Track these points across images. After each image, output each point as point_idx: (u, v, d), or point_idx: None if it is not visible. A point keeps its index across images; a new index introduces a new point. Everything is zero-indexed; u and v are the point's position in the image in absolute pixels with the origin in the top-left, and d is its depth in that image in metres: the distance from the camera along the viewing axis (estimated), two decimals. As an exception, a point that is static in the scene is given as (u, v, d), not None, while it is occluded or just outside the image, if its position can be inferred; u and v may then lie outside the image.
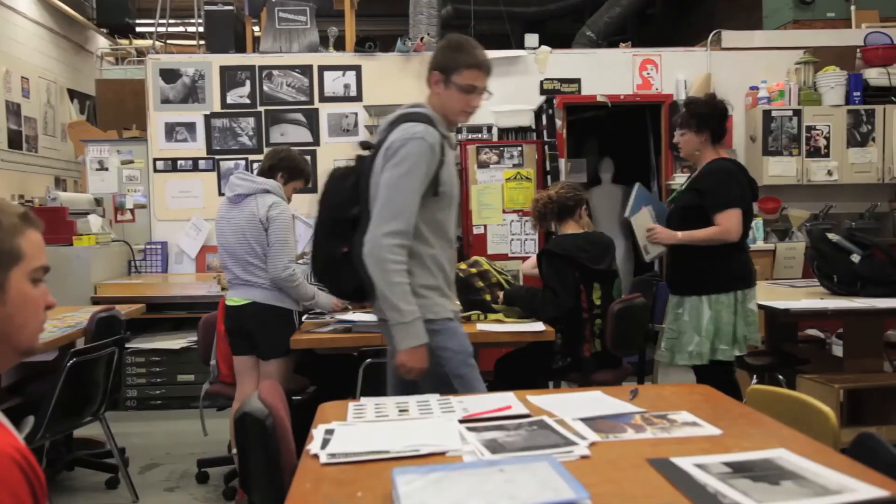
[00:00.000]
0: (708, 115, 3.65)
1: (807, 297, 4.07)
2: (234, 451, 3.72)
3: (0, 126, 7.40)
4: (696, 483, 1.45)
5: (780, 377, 4.21)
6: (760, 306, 3.76)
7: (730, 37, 6.78)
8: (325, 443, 1.78)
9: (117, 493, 3.93)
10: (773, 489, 1.39)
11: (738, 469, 1.50)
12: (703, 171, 3.69)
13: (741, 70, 6.67)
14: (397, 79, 6.48)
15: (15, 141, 7.65)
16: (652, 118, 7.08)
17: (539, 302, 3.71)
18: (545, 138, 6.37)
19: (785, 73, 6.68)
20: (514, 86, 6.59)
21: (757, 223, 6.33)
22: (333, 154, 6.35)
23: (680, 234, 3.64)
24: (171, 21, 8.15)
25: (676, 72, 6.71)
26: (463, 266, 3.88)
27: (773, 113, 6.44)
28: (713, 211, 3.57)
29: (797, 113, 6.45)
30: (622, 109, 6.98)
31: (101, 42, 9.86)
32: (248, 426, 1.75)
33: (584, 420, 1.89)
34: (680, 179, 6.62)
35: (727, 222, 3.55)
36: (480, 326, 3.48)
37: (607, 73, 6.69)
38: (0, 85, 7.44)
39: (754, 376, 4.30)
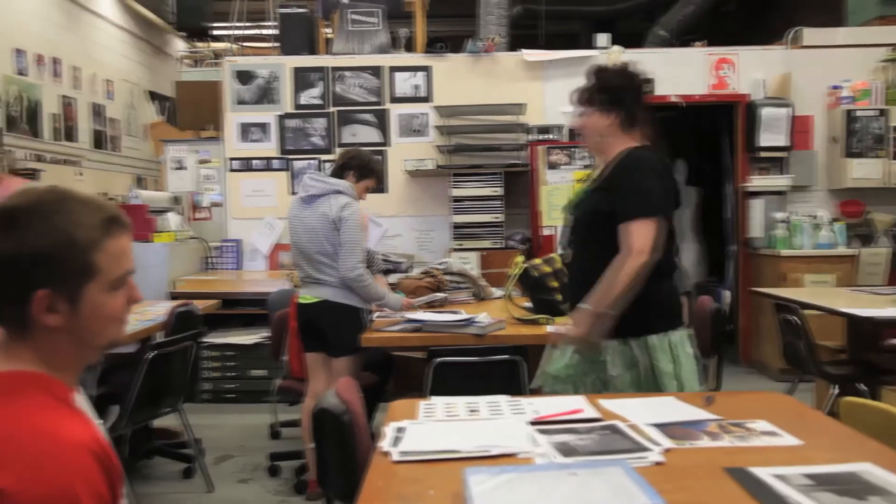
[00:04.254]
0: (621, 89, 2.67)
1: (891, 305, 3.91)
2: (311, 445, 3.79)
3: (86, 127, 7.70)
4: (776, 494, 1.40)
5: (863, 387, 4.06)
6: (842, 314, 3.58)
7: (811, 34, 6.54)
8: (396, 440, 1.80)
9: (193, 483, 4.04)
10: (858, 505, 1.34)
11: (821, 482, 1.45)
12: (613, 165, 2.64)
13: (822, 68, 6.42)
14: (467, 79, 6.49)
15: (99, 141, 7.94)
16: (727, 119, 6.91)
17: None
18: (616, 139, 6.28)
19: (869, 72, 6.43)
20: (585, 86, 6.51)
21: (839, 227, 6.14)
22: (403, 154, 6.41)
23: (591, 303, 2.49)
24: (247, 24, 8.35)
25: (753, 71, 6.52)
26: (538, 262, 3.84)
27: (857, 113, 6.21)
28: (619, 219, 2.51)
29: (883, 113, 6.20)
30: (696, 110, 6.83)
31: (180, 45, 10.16)
32: (326, 421, 1.78)
33: (657, 426, 1.86)
34: (757, 181, 6.46)
35: (638, 240, 2.45)
36: (550, 328, 3.44)
37: (680, 72, 6.53)
38: (86, 88, 7.74)
39: (835, 386, 4.13)
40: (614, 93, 2.67)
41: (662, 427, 1.85)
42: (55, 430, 1.12)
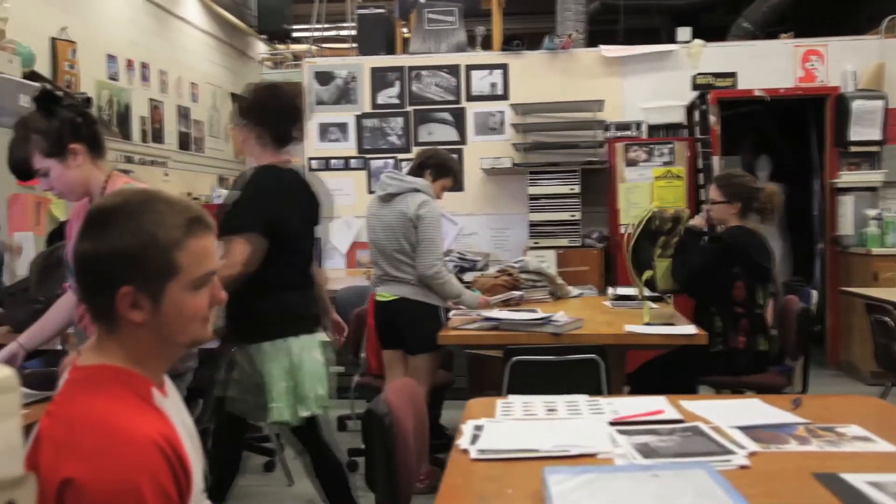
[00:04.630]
0: (260, 107, 2.77)
1: None
2: None
3: (172, 129, 7.95)
4: (870, 502, 1.35)
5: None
6: None
7: None
8: (474, 438, 1.80)
9: (273, 477, 4.13)
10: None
11: None
12: (243, 181, 2.81)
13: None
14: (544, 76, 6.45)
15: (184, 142, 8.20)
16: (815, 112, 6.67)
17: (695, 257, 3.59)
18: (697, 135, 6.15)
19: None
20: (665, 81, 6.40)
21: None
22: (480, 153, 6.40)
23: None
24: (326, 26, 8.48)
25: (844, 62, 6.29)
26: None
27: None
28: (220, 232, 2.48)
29: (983, 104, 5.91)
30: (781, 104, 6.63)
31: (261, 48, 10.39)
32: (372, 424, 1.78)
33: (741, 428, 1.81)
34: (847, 177, 6.23)
35: (231, 254, 2.62)
36: (628, 327, 3.41)
37: (766, 65, 6.36)
38: (172, 91, 7.99)
39: None
40: (251, 110, 2.78)
41: (747, 430, 1.80)
42: (125, 424, 1.16)
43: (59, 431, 1.15)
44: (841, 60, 6.31)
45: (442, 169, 3.86)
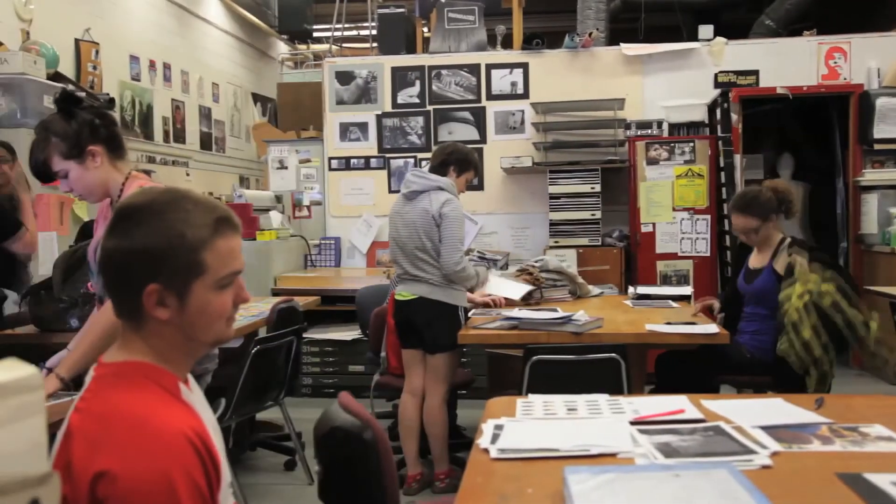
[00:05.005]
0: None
1: None
2: (409, 440, 3.84)
3: (194, 129, 8.01)
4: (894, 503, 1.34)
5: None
6: None
7: None
8: (494, 438, 1.79)
9: (294, 475, 4.14)
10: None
11: None
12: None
13: None
14: (564, 75, 6.42)
15: (205, 142, 8.25)
16: (838, 110, 6.60)
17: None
18: (719, 133, 6.10)
19: None
20: (686, 79, 6.36)
21: None
22: (500, 152, 6.39)
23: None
24: (346, 25, 8.51)
25: (868, 59, 6.21)
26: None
27: None
28: None
29: None
30: (804, 102, 6.56)
31: (282, 48, 10.44)
32: (337, 441, 1.69)
33: (763, 428, 1.80)
34: (871, 175, 6.17)
35: None
36: (649, 326, 3.39)
37: (788, 63, 6.30)
38: (194, 91, 8.05)
39: None
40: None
41: (769, 429, 1.78)
42: (156, 418, 1.18)
43: (91, 426, 1.17)
44: (865, 58, 6.24)
45: (465, 163, 3.87)
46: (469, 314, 3.84)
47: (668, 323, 3.45)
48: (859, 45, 6.28)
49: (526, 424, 1.93)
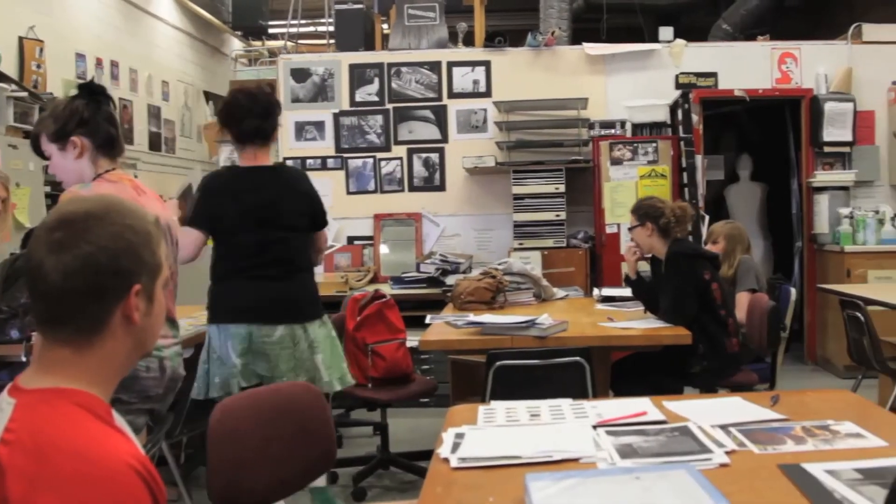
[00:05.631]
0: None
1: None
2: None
3: (142, 129, 7.73)
4: (825, 490, 1.43)
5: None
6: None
7: (871, 30, 6.43)
8: (455, 447, 1.78)
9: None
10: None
11: (870, 476, 1.48)
12: None
13: (884, 64, 6.33)
14: (527, 74, 6.35)
15: (155, 143, 7.97)
16: (792, 113, 6.72)
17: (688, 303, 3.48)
18: (681, 134, 6.07)
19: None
20: (648, 80, 6.37)
21: None
22: (463, 151, 6.26)
23: None
24: (303, 21, 8.31)
25: (817, 65, 6.40)
26: None
27: None
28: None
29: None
30: (760, 104, 6.62)
31: (236, 44, 10.19)
32: None
33: (741, 431, 1.82)
34: (822, 177, 6.35)
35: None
36: (609, 325, 3.41)
37: (745, 66, 6.42)
38: (143, 90, 7.77)
39: None
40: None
41: (746, 432, 1.81)
42: (98, 449, 1.11)
43: (25, 462, 1.08)
44: (814, 64, 6.41)
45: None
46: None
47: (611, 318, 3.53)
48: (809, 51, 6.45)
49: (488, 432, 1.92)
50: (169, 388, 2.55)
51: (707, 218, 5.80)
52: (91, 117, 2.44)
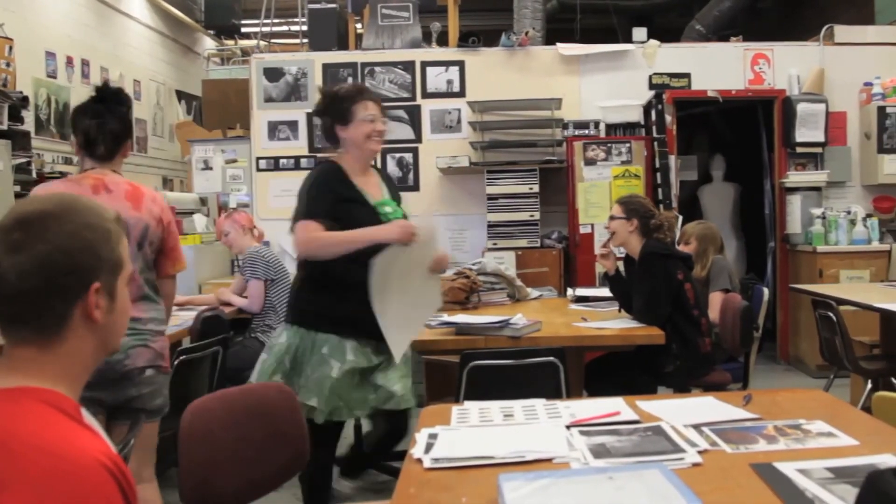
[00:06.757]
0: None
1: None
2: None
3: (113, 127, 7.63)
4: (797, 489, 1.44)
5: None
6: (875, 309, 3.58)
7: (842, 31, 6.48)
8: (428, 447, 1.78)
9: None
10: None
11: (840, 475, 1.49)
12: None
13: (855, 65, 6.37)
14: (501, 74, 6.34)
15: (127, 142, 7.87)
16: (764, 114, 6.76)
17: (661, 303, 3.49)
18: (654, 134, 6.10)
19: (897, 69, 6.29)
20: (622, 80, 6.38)
21: (872, 223, 6.10)
22: (437, 151, 6.25)
23: None
24: (276, 21, 8.25)
25: (789, 66, 6.44)
26: None
27: (888, 110, 6.13)
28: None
29: (913, 109, 6.06)
30: (733, 105, 6.66)
31: (208, 43, 10.11)
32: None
33: (714, 431, 1.83)
34: (794, 177, 6.40)
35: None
36: (582, 325, 3.40)
37: (718, 67, 6.45)
38: (114, 87, 7.67)
39: (869, 381, 4.17)
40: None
41: (719, 432, 1.81)
42: (68, 447, 1.09)
43: None
44: (786, 65, 6.44)
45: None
46: None
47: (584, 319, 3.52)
48: (781, 52, 6.48)
49: (461, 432, 1.91)
50: (109, 379, 2.50)
51: (680, 218, 5.82)
52: (74, 116, 2.54)
